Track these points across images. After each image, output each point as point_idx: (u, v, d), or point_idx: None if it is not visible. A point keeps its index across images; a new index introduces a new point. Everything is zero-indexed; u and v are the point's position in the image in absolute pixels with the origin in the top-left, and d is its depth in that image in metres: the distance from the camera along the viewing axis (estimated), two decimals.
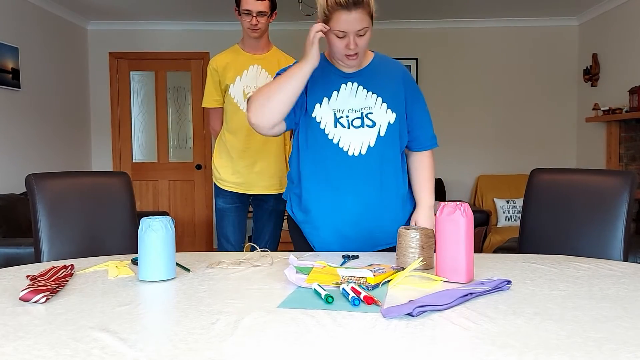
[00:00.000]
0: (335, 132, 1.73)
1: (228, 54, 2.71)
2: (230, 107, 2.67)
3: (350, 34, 1.61)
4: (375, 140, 1.73)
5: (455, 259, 1.33)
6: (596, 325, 0.99)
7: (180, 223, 5.74)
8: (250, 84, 2.64)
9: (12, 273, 1.48)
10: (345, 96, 1.74)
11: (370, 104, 1.73)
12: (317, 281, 1.29)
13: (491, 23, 5.57)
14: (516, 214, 5.07)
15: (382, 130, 1.73)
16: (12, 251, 3.15)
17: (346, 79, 1.75)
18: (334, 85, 1.75)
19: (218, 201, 2.77)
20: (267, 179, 2.72)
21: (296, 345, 0.90)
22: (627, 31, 4.64)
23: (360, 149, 1.73)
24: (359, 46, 1.64)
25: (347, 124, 1.73)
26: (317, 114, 1.74)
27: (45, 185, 1.89)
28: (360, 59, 1.70)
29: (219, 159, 2.75)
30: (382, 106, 1.73)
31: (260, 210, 2.83)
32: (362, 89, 1.74)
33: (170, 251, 1.40)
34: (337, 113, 1.74)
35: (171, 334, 0.97)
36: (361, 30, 1.61)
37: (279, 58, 2.73)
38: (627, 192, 1.82)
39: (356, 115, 1.73)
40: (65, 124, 5.17)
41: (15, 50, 4.30)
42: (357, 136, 1.73)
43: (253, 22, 2.55)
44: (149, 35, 5.64)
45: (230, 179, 2.71)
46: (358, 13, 1.58)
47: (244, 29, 2.61)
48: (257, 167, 2.69)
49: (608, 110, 4.66)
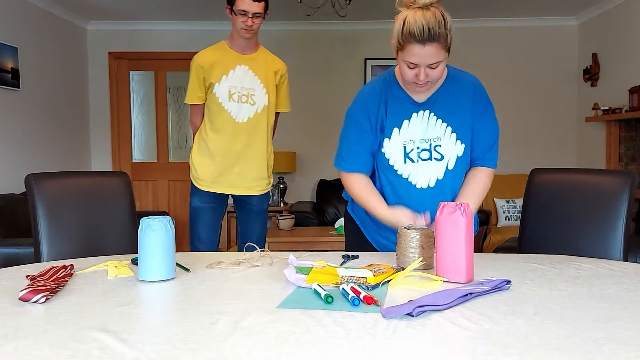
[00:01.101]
0: (405, 168, 1.70)
1: (215, 52, 2.64)
2: (214, 107, 2.61)
3: (421, 66, 1.55)
4: (443, 173, 1.69)
5: (455, 259, 1.33)
6: (596, 325, 0.99)
7: (180, 223, 5.74)
8: (236, 84, 2.59)
9: (11, 273, 1.48)
10: (416, 125, 1.68)
11: (440, 135, 1.67)
12: (316, 281, 1.29)
13: (491, 23, 5.57)
14: (516, 214, 5.07)
15: (450, 164, 1.69)
16: (12, 251, 3.14)
17: (417, 108, 1.69)
18: (406, 115, 1.69)
19: (194, 200, 2.70)
20: (248, 181, 2.68)
21: (296, 345, 0.90)
22: (627, 31, 4.64)
23: (428, 182, 1.70)
24: (429, 77, 1.57)
25: (416, 158, 1.69)
26: (386, 149, 1.70)
27: (44, 185, 1.89)
28: (429, 88, 1.65)
29: (199, 157, 2.68)
30: (452, 137, 1.68)
31: (244, 211, 2.78)
32: (433, 116, 1.68)
33: (170, 251, 1.40)
34: (407, 146, 1.69)
35: (171, 334, 0.97)
36: (433, 64, 1.55)
37: (267, 59, 2.70)
38: (627, 191, 1.82)
39: (424, 147, 1.68)
40: (65, 124, 5.17)
41: (14, 50, 4.30)
42: (425, 170, 1.69)
43: (249, 22, 2.52)
44: (148, 35, 5.64)
45: (209, 178, 2.65)
46: (433, 47, 1.51)
47: (237, 28, 2.56)
48: (237, 168, 2.65)
49: (608, 110, 4.66)
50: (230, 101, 2.59)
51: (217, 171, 2.65)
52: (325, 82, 5.68)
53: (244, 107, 2.61)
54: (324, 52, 5.71)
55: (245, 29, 2.54)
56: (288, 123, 5.75)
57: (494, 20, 5.55)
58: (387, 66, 5.59)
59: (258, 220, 2.78)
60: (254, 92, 2.63)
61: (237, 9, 2.51)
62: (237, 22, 2.54)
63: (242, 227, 2.82)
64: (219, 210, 2.75)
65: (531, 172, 2.05)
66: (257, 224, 2.78)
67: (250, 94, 2.62)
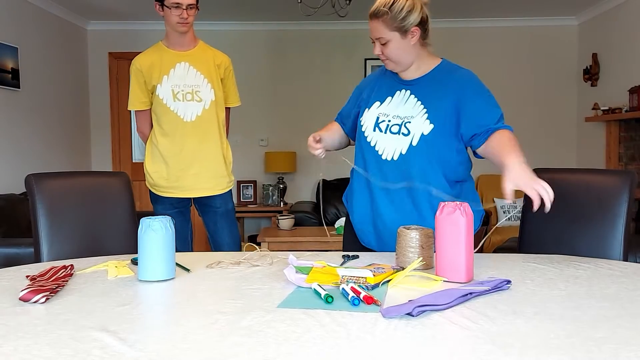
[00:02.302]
0: (373, 136, 1.80)
1: (152, 53, 2.56)
2: (159, 109, 2.53)
3: (375, 41, 1.74)
4: (407, 149, 1.74)
5: (455, 259, 1.33)
6: (596, 324, 0.99)
7: None
8: (179, 83, 2.51)
9: (12, 273, 1.48)
10: (396, 103, 1.80)
11: (413, 114, 1.75)
12: (316, 281, 1.29)
13: (491, 23, 5.57)
14: (516, 214, 5.07)
15: (414, 140, 1.73)
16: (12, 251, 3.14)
17: (401, 86, 1.81)
18: (390, 92, 1.83)
19: (156, 208, 2.60)
20: (206, 181, 2.58)
21: (296, 345, 0.90)
22: (627, 31, 4.64)
23: (393, 155, 1.76)
24: (385, 54, 1.74)
25: (385, 128, 1.78)
26: (363, 117, 1.84)
27: (44, 185, 1.89)
28: (395, 65, 1.77)
29: (152, 164, 2.58)
30: (424, 116, 1.74)
31: (209, 214, 2.66)
32: (413, 97, 1.78)
33: (170, 251, 1.40)
34: (380, 117, 1.80)
35: (171, 334, 0.97)
36: (380, 39, 1.71)
37: (207, 53, 2.60)
38: (627, 191, 1.82)
39: (396, 122, 1.77)
40: (65, 124, 5.17)
41: (14, 50, 4.30)
42: (391, 142, 1.76)
43: (184, 15, 2.44)
44: (148, 35, 5.64)
45: (165, 184, 2.56)
46: (374, 23, 1.71)
47: (171, 24, 2.48)
48: (193, 169, 2.55)
49: (608, 110, 4.66)
50: (175, 101, 2.50)
51: (173, 176, 2.55)
52: (325, 82, 5.68)
53: (190, 105, 2.52)
54: (324, 52, 5.70)
55: (181, 23, 2.46)
56: (288, 123, 5.76)
57: (494, 20, 5.55)
58: None
59: (225, 221, 2.66)
60: (199, 89, 2.53)
61: (169, 2, 2.43)
62: (172, 16, 2.46)
63: (211, 232, 2.69)
64: (185, 214, 2.65)
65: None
66: (225, 226, 2.66)
67: (195, 91, 2.52)
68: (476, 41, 5.59)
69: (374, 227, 1.82)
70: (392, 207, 1.77)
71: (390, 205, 1.77)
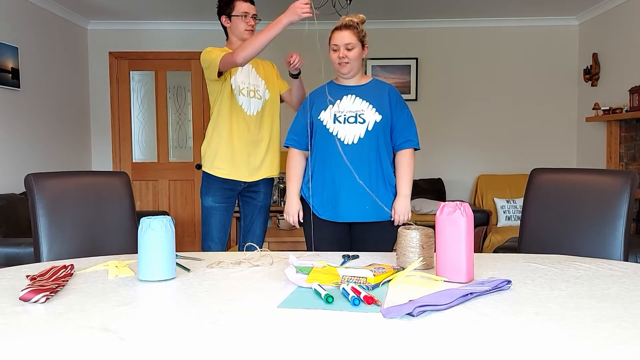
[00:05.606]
0: (334, 127, 2.27)
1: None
2: (227, 99, 2.70)
3: (340, 47, 2.25)
4: (364, 133, 2.23)
5: (455, 259, 1.33)
6: (597, 325, 0.99)
7: (180, 223, 5.74)
8: (244, 80, 2.75)
9: (12, 273, 1.48)
10: (346, 103, 2.30)
11: (364, 108, 2.27)
12: (317, 281, 1.29)
13: (491, 23, 5.57)
14: (516, 214, 5.07)
15: (369, 126, 2.24)
16: (12, 251, 3.14)
17: (348, 92, 2.32)
18: (339, 96, 2.33)
19: (206, 199, 2.75)
20: (258, 166, 2.74)
21: (296, 345, 0.90)
22: (627, 31, 4.64)
23: (353, 140, 2.24)
24: (348, 57, 2.25)
25: (343, 120, 2.27)
26: (322, 116, 2.32)
27: (44, 185, 1.89)
28: (351, 68, 2.27)
29: (215, 146, 2.70)
30: (373, 110, 2.27)
31: (249, 206, 2.84)
32: (358, 98, 2.30)
33: (170, 251, 1.40)
34: (336, 114, 2.29)
35: (171, 334, 0.97)
36: (349, 44, 2.24)
37: (258, 59, 2.83)
38: (628, 191, 1.82)
39: (351, 115, 2.27)
40: (65, 123, 5.17)
41: (15, 50, 4.30)
42: (350, 129, 2.25)
43: (251, 22, 2.72)
44: (149, 35, 5.64)
45: (226, 167, 2.69)
46: (346, 32, 2.25)
47: (239, 31, 2.70)
48: (251, 157, 2.72)
49: (608, 110, 4.66)
50: (240, 95, 2.73)
51: (234, 159, 2.71)
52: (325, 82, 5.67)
53: (252, 101, 2.76)
54: (324, 52, 5.70)
55: (249, 30, 2.72)
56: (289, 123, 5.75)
57: (494, 20, 5.55)
58: (387, 66, 5.59)
59: (261, 216, 2.85)
60: (258, 88, 2.81)
61: (239, 12, 2.70)
62: (240, 25, 2.71)
63: (246, 223, 2.86)
64: (230, 209, 2.81)
65: (531, 172, 2.05)
66: (260, 220, 2.85)
67: (256, 90, 2.79)
68: (476, 41, 5.59)
69: (332, 195, 2.25)
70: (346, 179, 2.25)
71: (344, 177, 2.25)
